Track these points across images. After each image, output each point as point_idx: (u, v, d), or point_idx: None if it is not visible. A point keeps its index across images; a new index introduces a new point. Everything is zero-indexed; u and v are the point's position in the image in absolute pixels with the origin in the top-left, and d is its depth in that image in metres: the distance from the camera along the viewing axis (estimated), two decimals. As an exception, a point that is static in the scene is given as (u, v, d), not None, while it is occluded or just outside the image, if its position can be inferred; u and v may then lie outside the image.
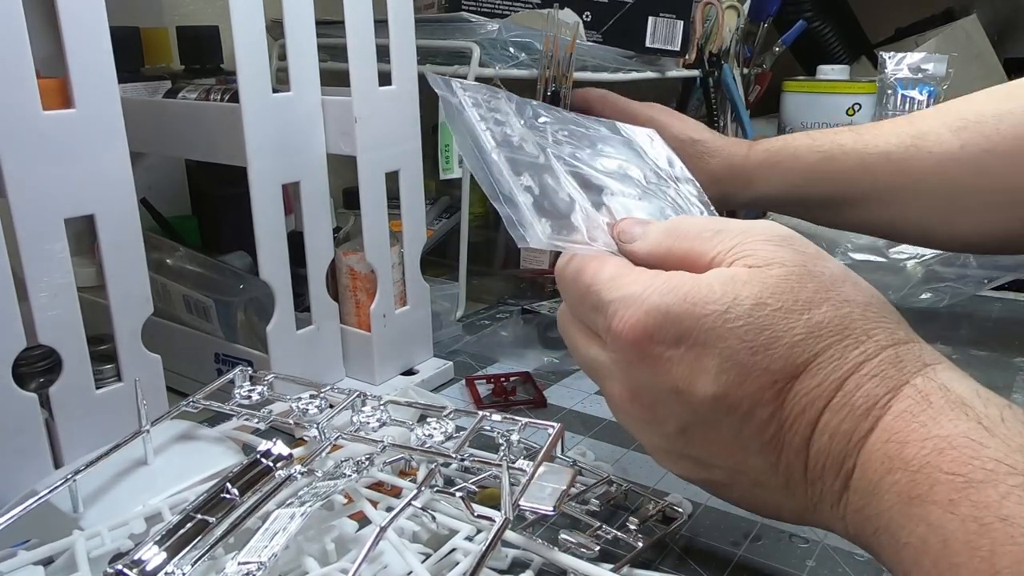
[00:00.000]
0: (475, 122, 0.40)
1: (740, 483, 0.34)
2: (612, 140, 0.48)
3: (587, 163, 0.43)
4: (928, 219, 0.60)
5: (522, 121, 0.43)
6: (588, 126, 0.48)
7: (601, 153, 0.45)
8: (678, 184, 0.47)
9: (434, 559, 0.37)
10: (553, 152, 0.42)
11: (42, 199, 0.42)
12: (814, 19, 1.21)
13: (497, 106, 0.43)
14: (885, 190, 0.60)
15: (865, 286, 0.33)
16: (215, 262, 0.64)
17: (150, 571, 0.30)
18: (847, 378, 0.30)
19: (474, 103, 0.42)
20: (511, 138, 0.41)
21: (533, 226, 0.36)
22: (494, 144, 0.39)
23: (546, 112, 0.46)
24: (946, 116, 0.59)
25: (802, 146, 0.64)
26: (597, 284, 0.35)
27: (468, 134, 0.40)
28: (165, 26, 0.78)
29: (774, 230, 0.34)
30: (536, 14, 0.78)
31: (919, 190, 0.59)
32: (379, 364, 0.60)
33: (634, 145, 0.49)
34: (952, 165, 0.57)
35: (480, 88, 0.44)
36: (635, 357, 0.33)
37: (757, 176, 0.65)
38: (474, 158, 0.39)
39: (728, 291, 0.31)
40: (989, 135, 0.56)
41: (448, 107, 0.41)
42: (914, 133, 0.59)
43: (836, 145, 0.62)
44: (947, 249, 0.68)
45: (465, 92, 0.43)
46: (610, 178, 0.42)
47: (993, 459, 0.26)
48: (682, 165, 0.49)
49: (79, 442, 0.45)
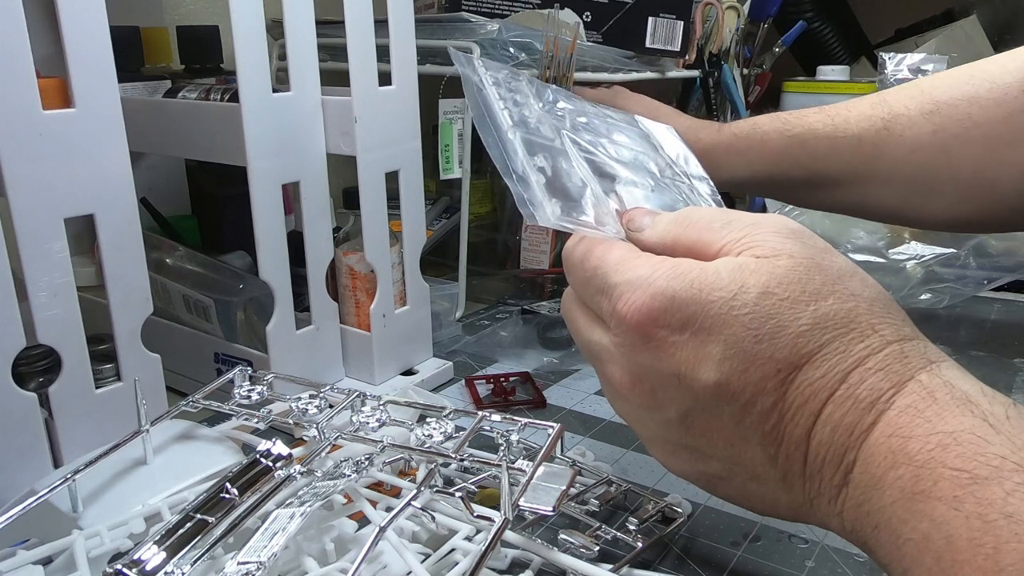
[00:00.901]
0: (494, 100, 0.41)
1: (737, 476, 0.34)
2: (629, 131, 0.48)
3: (602, 151, 0.43)
4: (900, 201, 0.61)
5: (541, 104, 0.43)
6: (606, 116, 0.48)
7: (617, 143, 0.45)
8: (692, 181, 0.47)
9: (433, 559, 0.37)
10: (569, 137, 0.42)
11: (42, 199, 0.42)
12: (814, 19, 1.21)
13: (517, 87, 0.44)
14: (857, 173, 0.60)
15: (872, 282, 0.33)
16: (215, 262, 0.64)
17: (149, 571, 0.30)
18: (851, 371, 0.30)
19: (494, 82, 0.42)
20: (528, 119, 0.41)
21: (543, 205, 0.36)
22: (511, 123, 0.40)
23: (565, 99, 0.46)
24: (918, 97, 0.58)
25: (771, 130, 0.63)
26: (604, 267, 0.35)
27: (486, 111, 0.40)
28: (165, 26, 0.78)
29: (783, 223, 0.34)
30: (536, 14, 0.78)
31: (891, 174, 0.59)
32: (379, 364, 0.60)
33: (651, 139, 0.49)
34: (924, 150, 0.57)
35: (501, 68, 0.44)
36: (638, 340, 0.33)
37: (725, 161, 0.64)
38: (490, 135, 0.39)
39: (735, 279, 0.31)
40: (960, 119, 0.56)
41: (468, 84, 0.41)
42: (885, 116, 0.59)
43: (807, 128, 0.62)
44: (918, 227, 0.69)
45: (487, 71, 0.43)
46: (624, 168, 0.42)
47: (998, 456, 0.26)
48: (697, 163, 0.50)
49: (79, 442, 0.45)
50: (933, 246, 0.77)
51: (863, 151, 0.59)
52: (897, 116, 0.58)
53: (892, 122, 0.58)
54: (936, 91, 0.58)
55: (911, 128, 0.57)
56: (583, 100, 0.48)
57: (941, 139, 0.56)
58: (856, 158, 0.60)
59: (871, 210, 0.63)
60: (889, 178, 0.59)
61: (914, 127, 0.57)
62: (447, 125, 0.72)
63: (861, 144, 0.59)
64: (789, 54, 1.17)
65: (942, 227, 0.65)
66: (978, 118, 0.55)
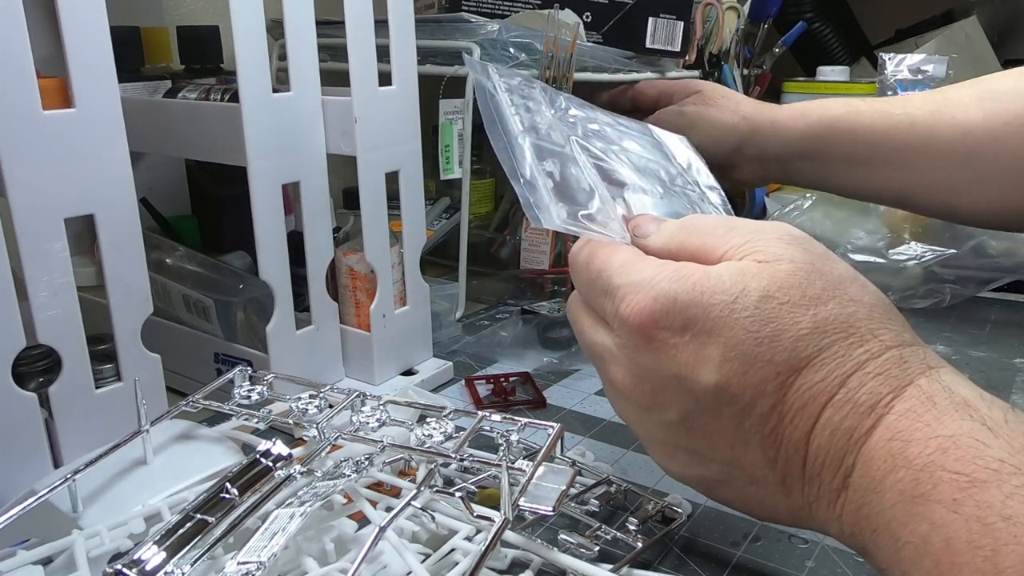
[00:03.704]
0: (506, 106, 0.41)
1: (736, 480, 0.34)
2: (641, 140, 0.48)
3: (612, 158, 0.43)
4: (949, 188, 0.62)
5: (552, 111, 0.44)
6: (618, 124, 0.48)
7: (628, 150, 0.45)
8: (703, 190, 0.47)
9: (433, 559, 0.37)
10: (579, 143, 0.42)
11: (42, 199, 0.42)
12: (814, 20, 1.21)
13: (530, 94, 0.44)
14: (909, 152, 0.62)
15: (872, 288, 0.33)
16: (215, 262, 0.64)
17: (149, 571, 0.30)
18: (851, 375, 0.30)
19: (507, 88, 0.43)
20: (539, 126, 0.41)
21: (549, 209, 0.36)
22: (521, 129, 0.40)
23: (578, 107, 0.46)
24: (974, 87, 0.60)
25: (831, 101, 0.66)
26: (608, 269, 0.35)
27: (497, 117, 0.40)
28: (165, 26, 0.78)
29: (786, 230, 0.34)
30: (536, 14, 0.78)
31: (942, 157, 0.60)
32: (379, 364, 0.60)
33: (663, 148, 0.49)
34: (974, 134, 0.58)
35: (515, 75, 0.45)
36: (640, 342, 0.33)
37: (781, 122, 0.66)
38: (500, 140, 0.39)
39: (737, 282, 0.32)
40: (1011, 108, 0.57)
41: (481, 91, 0.42)
42: (940, 100, 0.61)
43: (864, 103, 0.64)
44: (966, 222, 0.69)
45: (500, 77, 0.43)
46: (633, 175, 0.43)
47: (997, 459, 0.26)
48: (708, 172, 0.50)
49: (78, 442, 0.45)
50: (933, 246, 0.77)
51: (916, 131, 0.61)
52: (951, 100, 0.60)
53: (946, 104, 0.60)
54: (992, 82, 0.60)
55: (964, 112, 0.59)
56: (595, 108, 0.48)
57: (992, 125, 0.58)
58: (910, 137, 0.61)
59: (920, 196, 0.64)
60: (940, 161, 0.61)
61: (967, 112, 0.59)
62: (447, 125, 0.72)
63: (914, 124, 0.61)
64: (789, 54, 1.17)
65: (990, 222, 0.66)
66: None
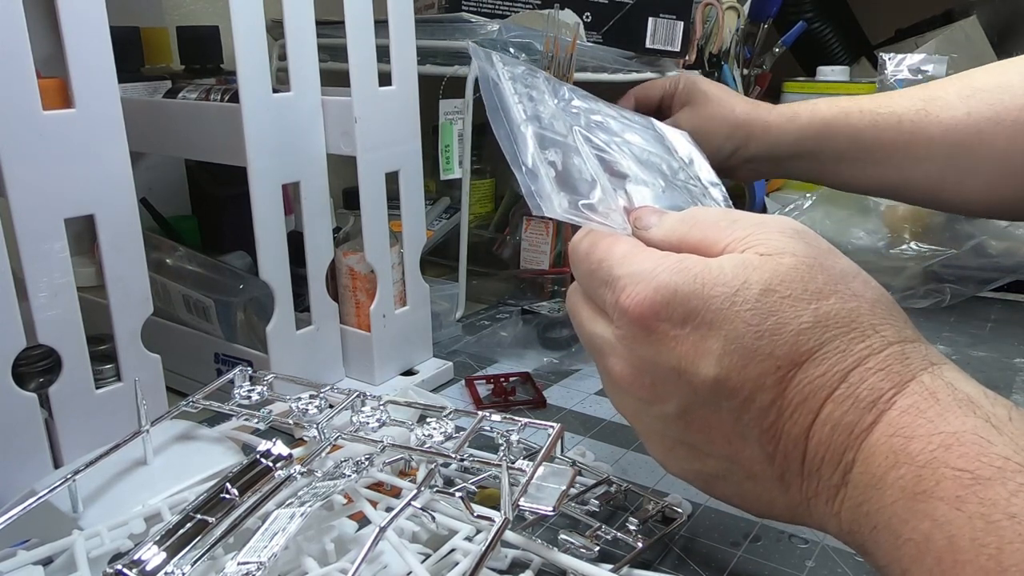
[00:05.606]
0: (509, 95, 0.41)
1: (734, 475, 0.33)
2: (644, 133, 0.48)
3: (614, 150, 0.43)
4: (937, 181, 0.64)
5: (556, 101, 0.44)
6: (621, 116, 0.48)
7: (630, 143, 0.45)
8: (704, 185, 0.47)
9: (434, 559, 0.37)
10: (581, 133, 0.42)
11: (42, 199, 0.42)
12: (814, 20, 1.21)
13: (534, 84, 0.44)
14: (896, 149, 0.64)
15: (874, 284, 0.33)
16: (215, 262, 0.64)
17: (150, 571, 0.30)
18: (852, 370, 0.30)
19: (511, 77, 0.43)
20: (542, 115, 0.41)
21: (551, 197, 0.36)
22: (523, 117, 0.40)
23: (581, 99, 0.46)
24: (957, 84, 0.62)
25: (820, 102, 0.68)
26: (609, 259, 0.35)
27: (500, 105, 0.40)
28: (165, 26, 0.78)
29: (788, 224, 0.34)
30: (536, 15, 0.78)
31: (928, 152, 0.63)
32: (379, 364, 0.60)
33: (665, 141, 0.49)
34: (958, 130, 0.60)
35: (518, 64, 0.44)
36: (640, 333, 0.33)
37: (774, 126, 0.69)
38: (502, 128, 0.39)
39: (738, 275, 0.31)
40: (993, 104, 0.59)
41: (484, 79, 0.41)
42: (925, 97, 0.63)
43: (852, 103, 0.66)
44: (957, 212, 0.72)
45: (504, 66, 0.43)
46: (635, 167, 0.43)
47: (1001, 456, 0.26)
48: (709, 168, 0.50)
49: (79, 442, 0.45)
50: (933, 246, 0.77)
51: (903, 128, 0.63)
52: (935, 98, 0.62)
53: (930, 103, 0.62)
54: (974, 78, 0.62)
55: (947, 109, 0.61)
56: (599, 100, 0.48)
57: (974, 120, 0.60)
58: (896, 135, 0.64)
59: (911, 189, 0.67)
60: (926, 156, 0.63)
61: (950, 109, 0.61)
62: (447, 125, 0.72)
63: (901, 122, 0.63)
64: (789, 54, 1.17)
65: (980, 212, 0.68)
66: (1009, 103, 0.59)
